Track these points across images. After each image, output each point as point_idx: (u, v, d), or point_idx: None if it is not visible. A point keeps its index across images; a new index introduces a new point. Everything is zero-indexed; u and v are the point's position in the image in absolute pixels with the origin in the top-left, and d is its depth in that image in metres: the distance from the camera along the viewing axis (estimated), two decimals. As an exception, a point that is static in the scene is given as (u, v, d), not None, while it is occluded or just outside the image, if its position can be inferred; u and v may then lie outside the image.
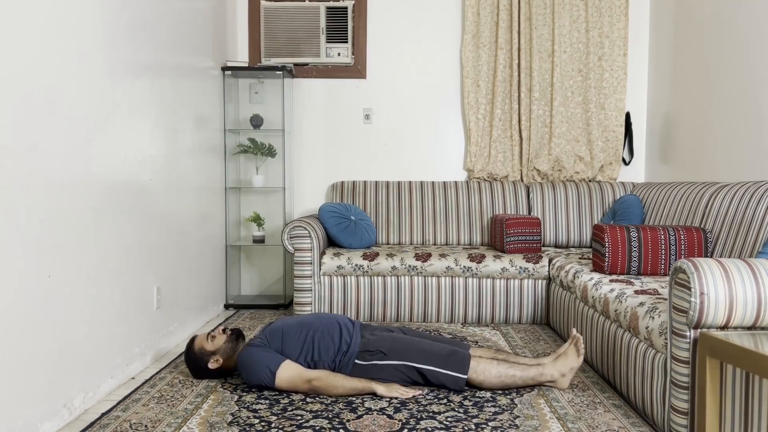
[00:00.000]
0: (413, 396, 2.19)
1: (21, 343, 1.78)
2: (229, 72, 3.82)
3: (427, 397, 2.20)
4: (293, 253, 3.36)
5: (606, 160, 4.02)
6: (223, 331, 2.39)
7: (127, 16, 2.44)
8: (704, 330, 1.69)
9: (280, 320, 2.41)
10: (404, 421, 1.98)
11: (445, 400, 2.17)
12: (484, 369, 2.23)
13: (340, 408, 2.08)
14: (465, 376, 2.22)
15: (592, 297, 2.52)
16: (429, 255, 3.38)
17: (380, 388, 2.19)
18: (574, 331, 2.33)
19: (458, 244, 3.86)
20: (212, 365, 2.33)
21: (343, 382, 2.19)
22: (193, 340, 2.41)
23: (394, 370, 2.25)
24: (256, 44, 4.10)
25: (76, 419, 2.04)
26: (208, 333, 2.39)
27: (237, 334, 2.40)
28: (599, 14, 3.95)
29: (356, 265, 3.36)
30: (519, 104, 3.99)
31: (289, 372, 2.20)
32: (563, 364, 2.27)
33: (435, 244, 3.86)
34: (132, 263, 2.49)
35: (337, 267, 3.37)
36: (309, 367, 2.28)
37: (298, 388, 2.20)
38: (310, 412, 2.05)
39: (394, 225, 3.91)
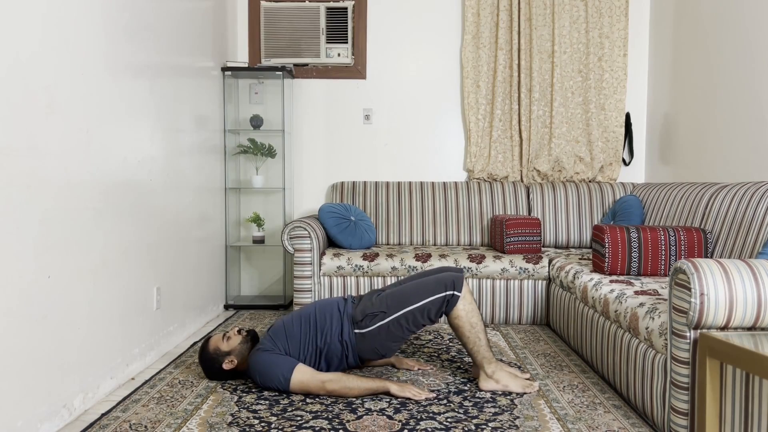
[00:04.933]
0: (426, 398, 2.18)
1: (21, 343, 1.77)
2: (229, 72, 3.82)
3: (428, 397, 2.20)
4: (293, 253, 3.36)
5: (606, 160, 4.02)
6: (239, 331, 2.39)
7: (127, 16, 2.44)
8: (704, 330, 1.68)
9: (280, 319, 2.41)
10: (404, 421, 1.97)
11: (445, 401, 2.17)
12: (471, 307, 2.26)
13: (340, 408, 2.08)
14: (459, 294, 2.24)
15: (592, 297, 2.52)
16: (429, 255, 3.38)
17: (393, 387, 2.19)
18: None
19: (458, 245, 3.86)
20: (227, 366, 2.33)
21: (357, 384, 2.19)
22: (207, 340, 2.40)
23: (398, 325, 2.24)
24: (256, 44, 4.10)
25: (76, 420, 2.04)
26: (224, 333, 2.39)
27: (252, 336, 2.39)
28: (599, 15, 3.95)
29: (356, 265, 3.36)
30: (519, 105, 3.99)
31: (302, 376, 2.19)
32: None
33: (435, 245, 3.86)
34: (132, 263, 2.49)
35: (337, 267, 3.37)
36: (320, 354, 2.28)
37: (313, 391, 2.20)
38: (310, 412, 2.05)
39: (394, 225, 3.91)
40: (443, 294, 2.24)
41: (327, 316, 2.32)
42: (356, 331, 2.27)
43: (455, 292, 2.24)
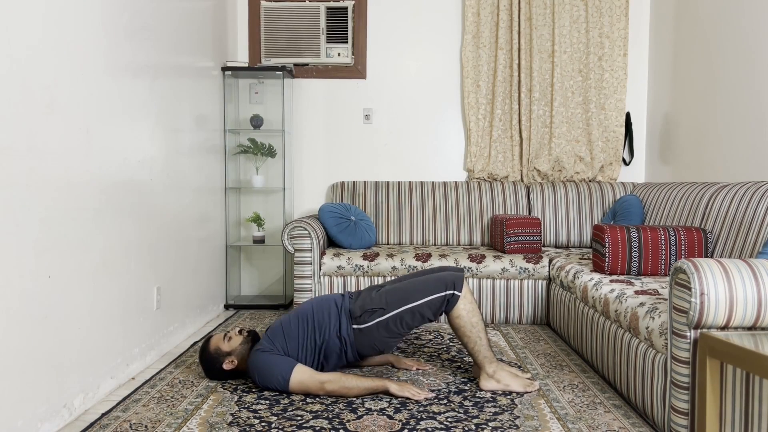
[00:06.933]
0: (425, 398, 2.18)
1: (21, 343, 1.77)
2: (229, 72, 3.82)
3: (427, 397, 2.20)
4: (293, 253, 3.36)
5: (606, 160, 4.02)
6: (240, 332, 2.39)
7: (127, 16, 2.44)
8: (704, 330, 1.69)
9: (277, 320, 2.41)
10: (404, 421, 1.98)
11: (445, 401, 2.17)
12: (472, 306, 2.27)
13: (340, 408, 2.08)
14: (459, 293, 2.25)
15: (593, 297, 2.52)
16: (429, 255, 3.38)
17: (393, 387, 2.19)
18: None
19: (458, 245, 3.86)
20: (227, 366, 2.33)
21: (356, 383, 2.19)
22: (208, 340, 2.40)
23: (396, 322, 2.26)
24: (256, 44, 4.10)
25: (76, 419, 2.04)
26: (225, 333, 2.39)
27: (253, 336, 2.39)
28: (599, 14, 3.95)
29: (356, 265, 3.36)
30: (519, 104, 3.99)
31: (301, 377, 2.19)
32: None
33: (435, 245, 3.86)
34: (132, 263, 2.49)
35: (338, 267, 3.37)
36: (319, 351, 2.29)
37: (312, 391, 2.20)
38: (310, 412, 2.05)
39: (394, 225, 3.91)
40: (444, 293, 2.25)
41: (325, 313, 2.33)
42: (354, 326, 2.28)
43: (456, 292, 2.25)
